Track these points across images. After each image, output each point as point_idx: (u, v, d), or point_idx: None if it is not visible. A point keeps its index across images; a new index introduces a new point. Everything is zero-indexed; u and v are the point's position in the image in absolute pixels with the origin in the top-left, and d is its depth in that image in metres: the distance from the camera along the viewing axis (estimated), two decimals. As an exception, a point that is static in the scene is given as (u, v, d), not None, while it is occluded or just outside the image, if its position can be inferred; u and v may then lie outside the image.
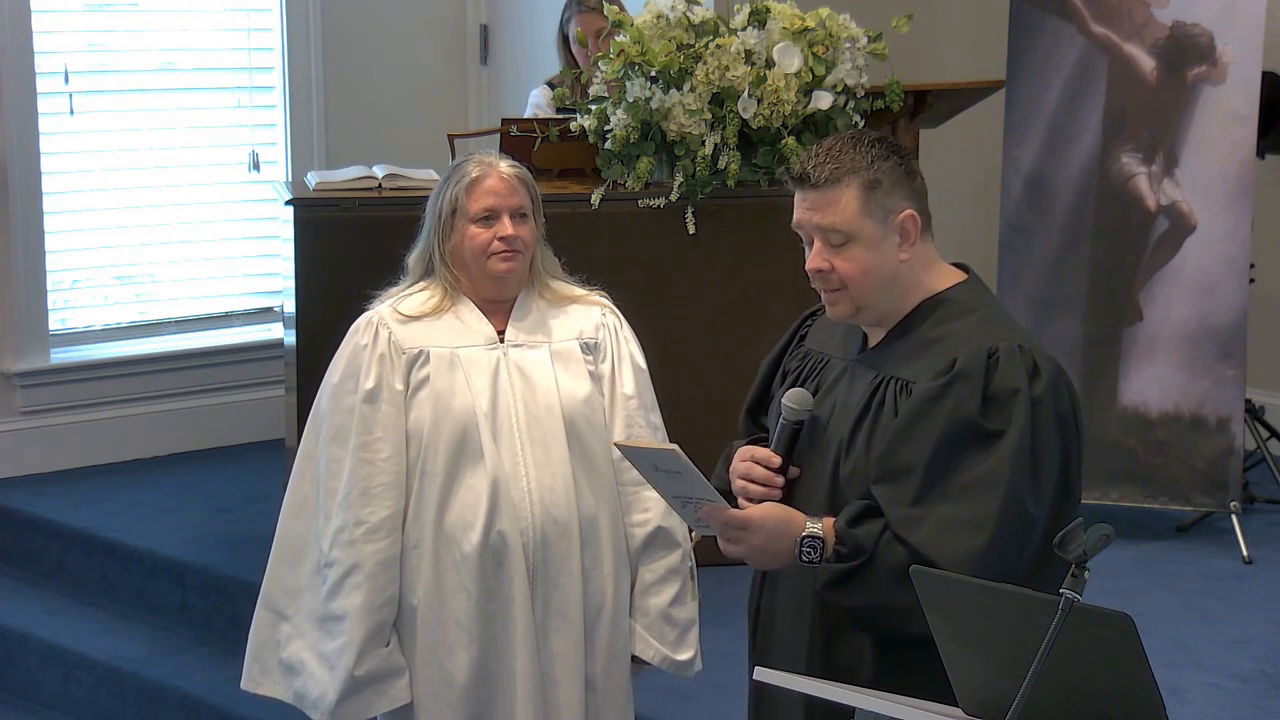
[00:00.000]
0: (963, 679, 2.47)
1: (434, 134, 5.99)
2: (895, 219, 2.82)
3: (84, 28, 6.38)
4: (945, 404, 2.76)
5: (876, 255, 2.83)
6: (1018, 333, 2.85)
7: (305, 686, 3.47)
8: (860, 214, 2.82)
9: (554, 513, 3.43)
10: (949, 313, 2.85)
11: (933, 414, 2.77)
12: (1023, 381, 2.75)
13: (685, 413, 5.07)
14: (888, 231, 2.82)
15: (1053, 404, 2.77)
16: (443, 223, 3.48)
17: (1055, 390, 2.77)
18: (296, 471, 3.53)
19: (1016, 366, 2.76)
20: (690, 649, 3.57)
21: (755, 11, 5.22)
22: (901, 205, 2.83)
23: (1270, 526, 5.76)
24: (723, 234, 5.23)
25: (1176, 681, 4.54)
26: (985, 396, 2.76)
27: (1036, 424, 2.75)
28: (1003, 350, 2.77)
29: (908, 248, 2.83)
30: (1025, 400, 2.74)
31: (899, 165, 2.83)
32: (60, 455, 6.26)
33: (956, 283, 2.89)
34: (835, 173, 2.82)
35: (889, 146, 2.86)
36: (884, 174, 2.81)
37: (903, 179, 2.83)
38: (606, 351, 3.55)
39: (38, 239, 6.20)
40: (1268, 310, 6.33)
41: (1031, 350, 2.79)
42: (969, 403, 2.75)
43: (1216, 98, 5.55)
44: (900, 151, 2.87)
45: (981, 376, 2.76)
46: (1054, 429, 2.76)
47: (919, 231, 2.84)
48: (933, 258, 2.90)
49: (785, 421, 2.94)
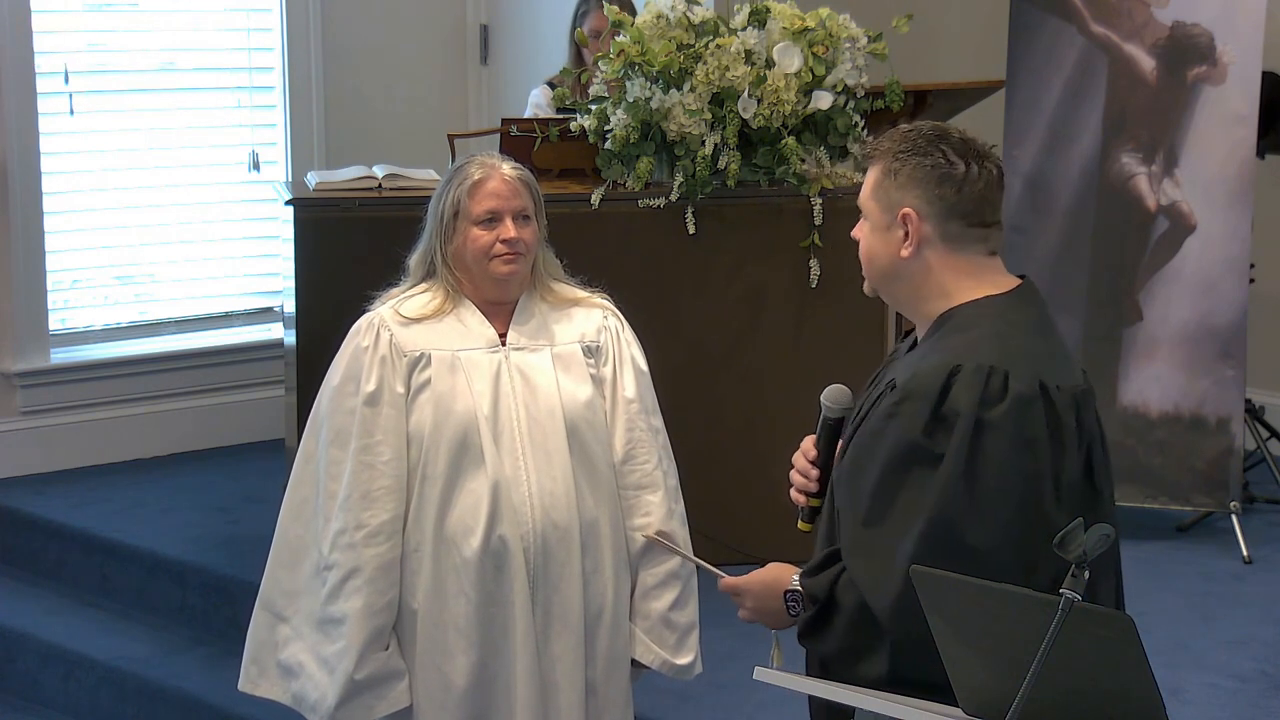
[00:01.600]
0: (963, 679, 2.47)
1: (434, 134, 5.99)
2: (899, 213, 2.79)
3: (84, 28, 6.38)
4: (894, 424, 2.69)
5: (879, 241, 2.81)
6: (1007, 354, 2.71)
7: (304, 689, 3.47)
8: (870, 195, 2.82)
9: (555, 517, 3.43)
10: (951, 327, 2.78)
11: (884, 433, 2.71)
12: (972, 404, 2.64)
13: (685, 413, 5.08)
14: (892, 222, 2.79)
15: (1011, 428, 2.64)
16: (444, 225, 3.47)
17: (1020, 414, 2.65)
18: (296, 474, 3.53)
19: (972, 388, 2.65)
20: (690, 653, 3.57)
21: (755, 11, 5.22)
22: (909, 202, 2.77)
23: (1270, 526, 5.76)
24: (723, 234, 5.23)
25: (1176, 681, 4.54)
26: (936, 417, 2.66)
27: (980, 448, 2.63)
28: (965, 370, 2.67)
29: (909, 246, 2.80)
30: (967, 423, 2.64)
31: (934, 169, 2.75)
32: (60, 455, 6.26)
33: (980, 297, 2.78)
34: (872, 152, 2.84)
35: (943, 148, 2.76)
36: (906, 167, 2.77)
37: (927, 180, 2.75)
38: (608, 354, 3.54)
39: (38, 239, 6.20)
40: (1268, 310, 6.34)
41: (1008, 372, 2.67)
42: (915, 423, 2.66)
43: (1216, 98, 5.56)
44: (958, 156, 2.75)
45: (934, 396, 2.67)
46: (1010, 454, 2.63)
47: (919, 234, 2.77)
48: (969, 270, 2.78)
49: (822, 418, 2.97)
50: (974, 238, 2.79)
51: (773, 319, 5.29)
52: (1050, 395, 2.69)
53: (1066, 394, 2.72)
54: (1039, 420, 2.67)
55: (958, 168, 2.76)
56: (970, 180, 2.76)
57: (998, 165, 2.81)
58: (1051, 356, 2.77)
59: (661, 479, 3.54)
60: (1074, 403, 2.72)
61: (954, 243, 2.78)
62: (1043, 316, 2.83)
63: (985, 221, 2.79)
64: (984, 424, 2.64)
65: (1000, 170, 2.81)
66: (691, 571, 3.56)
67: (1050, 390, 2.69)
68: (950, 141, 2.78)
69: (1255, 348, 5.84)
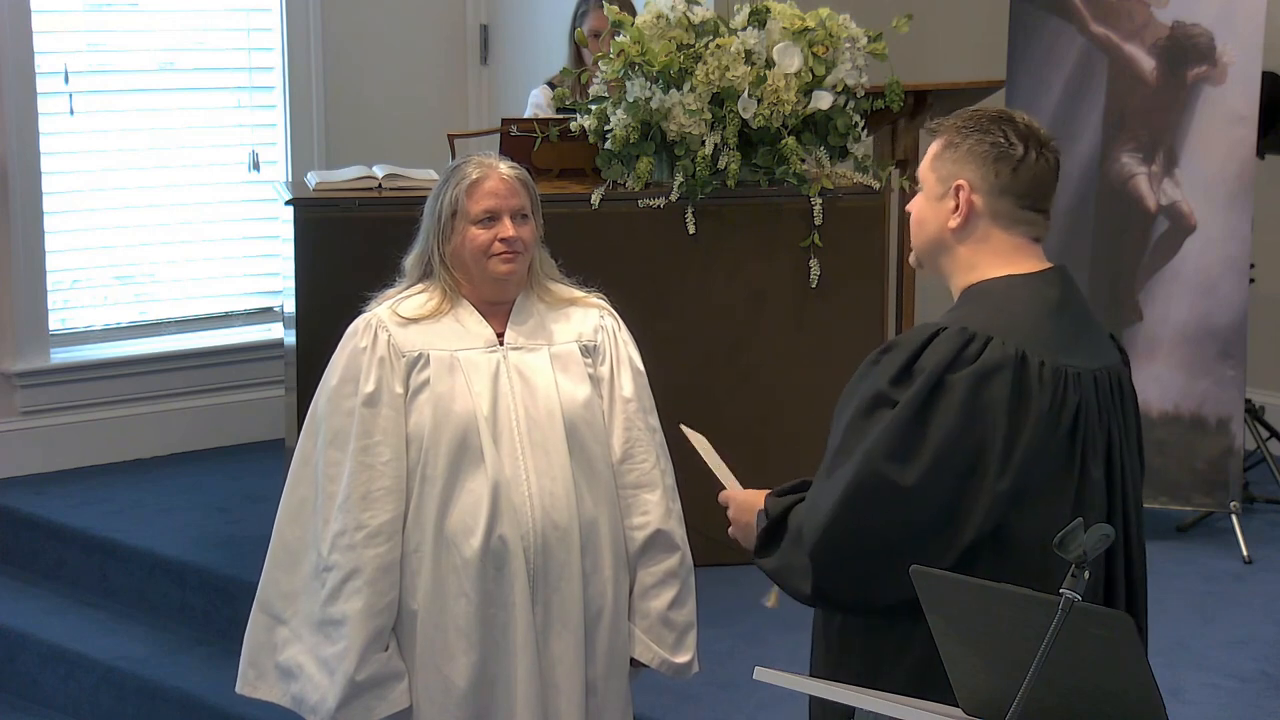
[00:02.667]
0: (963, 679, 2.47)
1: (434, 134, 6.00)
2: (954, 184, 2.84)
3: (84, 28, 6.38)
4: (874, 370, 2.80)
5: (930, 209, 2.88)
6: (998, 324, 2.75)
7: (304, 691, 3.46)
8: (929, 166, 2.89)
9: (554, 516, 3.43)
10: (965, 298, 2.85)
11: (865, 377, 2.81)
12: (940, 362, 2.72)
13: (685, 413, 5.07)
14: (945, 192, 2.85)
15: (968, 391, 2.70)
16: (442, 225, 3.47)
17: (980, 379, 2.70)
18: (292, 475, 3.52)
19: (947, 347, 2.73)
20: (688, 652, 3.57)
21: (755, 11, 5.22)
22: (964, 174, 2.83)
23: (1270, 526, 5.76)
24: (723, 234, 5.23)
25: (1176, 681, 4.54)
26: (906, 369, 2.75)
27: (933, 403, 2.70)
28: (948, 332, 2.75)
29: (957, 218, 2.84)
30: (927, 378, 2.71)
31: (993, 147, 2.81)
32: (60, 455, 6.26)
33: (1002, 274, 2.83)
34: (937, 126, 2.90)
35: (1005, 129, 2.82)
36: (967, 143, 2.83)
37: (985, 156, 2.81)
38: (605, 354, 3.54)
39: (38, 239, 6.20)
40: (1268, 310, 6.34)
41: (989, 339, 2.72)
42: (887, 372, 2.76)
43: (1216, 98, 5.56)
44: (1019, 139, 2.81)
45: (911, 350, 2.76)
46: (959, 415, 2.70)
47: (970, 207, 2.82)
48: (1007, 250, 2.84)
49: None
50: (1022, 220, 2.86)
51: (773, 319, 5.29)
52: (1027, 367, 2.73)
53: (1053, 371, 2.74)
54: (1001, 388, 2.72)
55: (1016, 149, 2.82)
56: (1027, 164, 2.83)
57: (1056, 155, 2.88)
58: (1055, 335, 2.80)
59: (659, 478, 3.54)
60: (1061, 381, 2.74)
61: (1002, 221, 2.85)
62: (1065, 297, 2.85)
63: (1036, 206, 2.86)
64: (943, 383, 2.72)
65: (1058, 161, 2.88)
66: (690, 570, 3.57)
67: (1030, 363, 2.73)
68: (1013, 124, 2.85)
69: (1255, 348, 5.84)
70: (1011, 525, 2.72)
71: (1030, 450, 2.72)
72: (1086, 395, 2.78)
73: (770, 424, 5.21)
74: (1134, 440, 2.91)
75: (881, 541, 2.73)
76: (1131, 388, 2.92)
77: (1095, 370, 2.81)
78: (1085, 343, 2.84)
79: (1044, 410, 2.73)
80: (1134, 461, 2.91)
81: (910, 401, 2.72)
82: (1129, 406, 2.90)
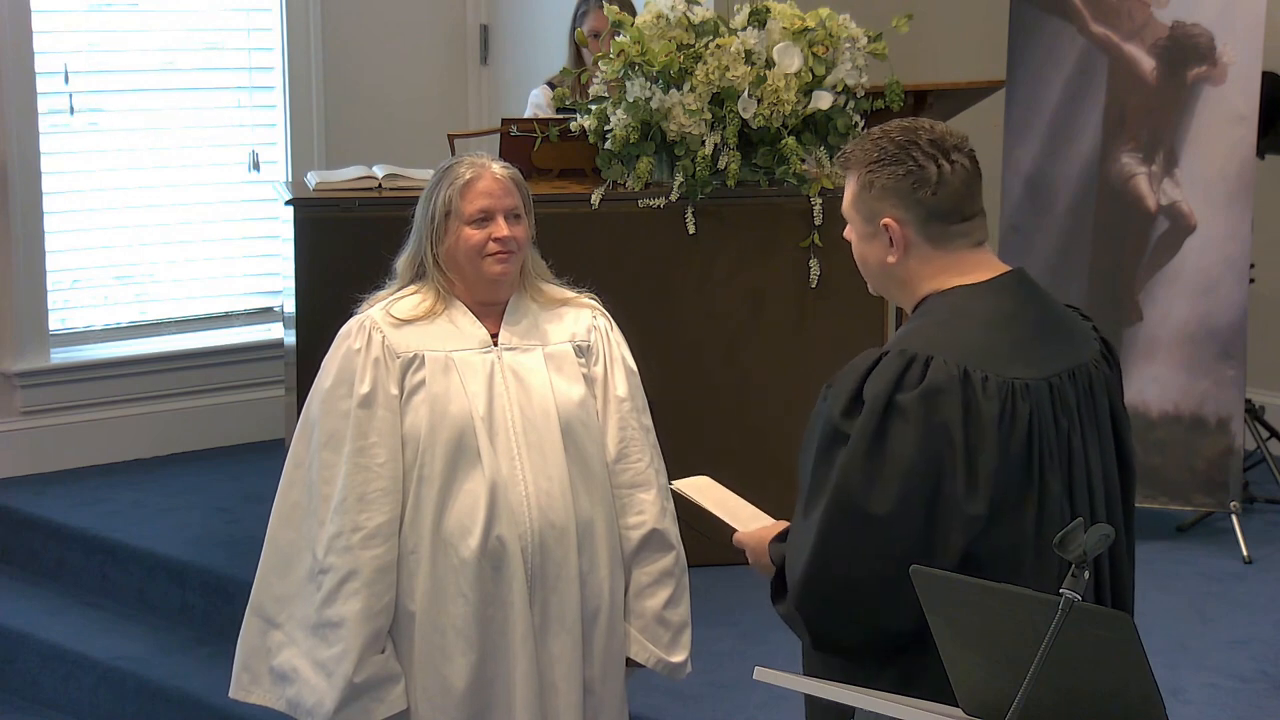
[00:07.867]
0: (963, 679, 2.47)
1: (434, 134, 5.99)
2: (880, 223, 2.81)
3: (84, 28, 6.38)
4: (824, 407, 2.77)
5: (866, 248, 2.86)
6: (940, 342, 2.73)
7: (300, 694, 3.45)
8: (853, 207, 2.86)
9: (551, 516, 3.43)
10: (913, 317, 2.84)
11: (819, 414, 2.79)
12: (884, 388, 2.69)
13: (684, 412, 5.08)
14: (875, 231, 2.82)
15: (920, 412, 2.67)
16: (435, 225, 3.46)
17: (930, 400, 2.67)
18: (286, 478, 3.51)
19: (887, 373, 2.70)
20: (683, 651, 3.57)
21: (755, 11, 5.22)
22: (887, 212, 2.79)
23: (1270, 526, 5.76)
24: (723, 234, 5.23)
25: (1176, 681, 4.54)
26: (854, 400, 2.72)
27: (885, 430, 2.68)
28: (890, 356, 2.72)
29: (895, 253, 2.81)
30: (874, 405, 2.69)
31: (907, 176, 2.77)
32: (60, 455, 6.26)
33: (947, 288, 2.81)
34: (845, 162, 2.86)
35: (913, 153, 2.78)
36: (880, 178, 2.79)
37: (902, 188, 2.77)
38: (598, 354, 3.54)
39: (38, 239, 6.20)
40: (1268, 310, 6.34)
41: (930, 359, 2.69)
42: (838, 404, 2.74)
43: (1216, 98, 5.55)
44: (927, 159, 2.77)
45: (856, 379, 2.73)
46: (915, 437, 2.66)
47: (904, 240, 2.79)
48: (951, 264, 2.81)
49: None
50: (957, 234, 2.82)
51: (773, 319, 5.29)
52: (970, 384, 2.70)
53: (998, 385, 2.70)
54: (952, 407, 2.68)
55: (929, 171, 2.78)
56: (944, 180, 2.79)
57: (970, 156, 2.82)
58: (1001, 346, 2.75)
59: (654, 477, 3.54)
60: (1007, 394, 2.70)
61: (938, 242, 2.81)
62: (1017, 304, 2.81)
63: (965, 215, 2.82)
64: (893, 407, 2.69)
65: (973, 160, 2.83)
66: (684, 570, 3.57)
67: (974, 379, 2.70)
68: (918, 145, 2.79)
69: (1255, 348, 5.84)
70: (978, 542, 2.69)
71: (994, 465, 2.69)
72: (1039, 406, 2.73)
73: (770, 424, 5.21)
74: (1111, 442, 2.86)
75: (866, 573, 2.69)
76: (1111, 383, 2.88)
77: (1050, 377, 2.76)
78: (1042, 348, 2.79)
79: (991, 425, 2.69)
80: (1110, 464, 2.86)
81: (860, 432, 2.69)
82: (1103, 404, 2.85)
